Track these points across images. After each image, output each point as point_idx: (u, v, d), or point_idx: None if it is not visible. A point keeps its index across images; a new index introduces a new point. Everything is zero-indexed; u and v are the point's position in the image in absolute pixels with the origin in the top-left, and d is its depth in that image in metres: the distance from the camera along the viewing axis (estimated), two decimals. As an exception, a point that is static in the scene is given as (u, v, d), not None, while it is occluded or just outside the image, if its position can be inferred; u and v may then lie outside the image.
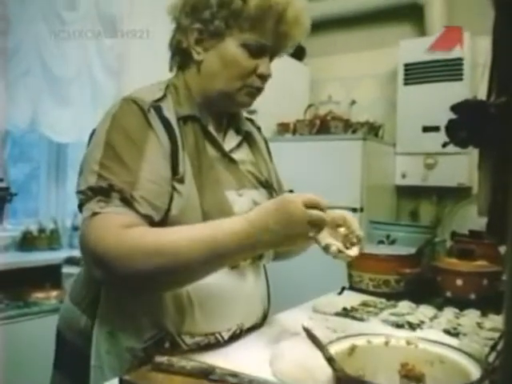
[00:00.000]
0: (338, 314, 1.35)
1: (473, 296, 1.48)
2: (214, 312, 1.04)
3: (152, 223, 0.93)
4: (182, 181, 0.98)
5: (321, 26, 3.58)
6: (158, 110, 1.00)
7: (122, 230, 0.87)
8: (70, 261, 2.41)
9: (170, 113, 1.02)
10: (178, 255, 0.87)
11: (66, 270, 2.39)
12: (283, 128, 3.20)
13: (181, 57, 1.12)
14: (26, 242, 2.56)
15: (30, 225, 2.60)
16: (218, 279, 1.00)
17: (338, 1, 3.45)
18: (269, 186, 1.20)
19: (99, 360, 1.00)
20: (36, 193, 2.91)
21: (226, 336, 1.06)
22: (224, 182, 1.07)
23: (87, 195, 0.92)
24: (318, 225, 0.91)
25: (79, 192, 0.95)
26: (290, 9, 1.03)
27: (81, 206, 0.95)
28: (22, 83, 2.30)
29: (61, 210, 2.85)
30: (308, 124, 3.10)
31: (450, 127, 0.80)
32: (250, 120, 1.29)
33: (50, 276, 2.38)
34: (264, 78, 1.08)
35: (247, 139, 1.22)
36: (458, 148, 0.92)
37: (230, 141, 1.16)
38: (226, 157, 1.12)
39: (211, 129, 1.10)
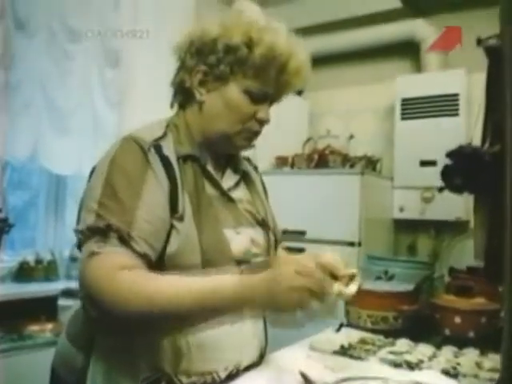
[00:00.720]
0: (335, 353, 1.33)
1: (471, 334, 1.47)
2: (211, 351, 1.03)
3: (149, 262, 0.94)
4: (181, 219, 0.99)
5: (320, 60, 3.64)
6: (158, 149, 1.02)
7: (117, 272, 0.88)
8: (67, 293, 2.38)
9: (169, 151, 1.04)
10: (167, 306, 0.88)
11: (62, 302, 2.36)
12: (281, 162, 3.22)
13: (183, 95, 1.14)
14: (23, 273, 2.53)
15: (27, 255, 2.59)
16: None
17: (336, 36, 3.52)
18: (265, 225, 1.21)
19: None
20: (34, 222, 2.90)
21: (222, 375, 1.05)
22: (222, 220, 1.08)
23: (85, 235, 0.93)
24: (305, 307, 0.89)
25: (77, 231, 0.96)
26: (292, 60, 1.07)
27: (79, 245, 0.96)
28: (24, 115, 2.32)
29: (58, 240, 2.84)
30: (306, 158, 3.12)
31: (446, 173, 0.81)
32: (247, 159, 1.32)
33: (45, 308, 2.35)
34: (262, 122, 1.12)
35: (244, 178, 1.24)
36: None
37: (228, 180, 1.18)
38: (225, 195, 1.14)
39: (210, 168, 1.12)
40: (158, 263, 0.96)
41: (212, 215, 1.06)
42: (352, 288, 1.00)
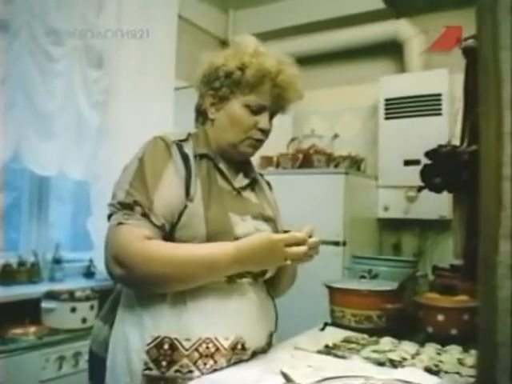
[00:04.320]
0: (319, 352, 1.34)
1: (454, 331, 1.49)
2: (209, 317, 1.16)
3: (165, 233, 1.17)
4: (191, 200, 1.20)
5: (304, 60, 3.64)
6: (180, 147, 1.26)
7: (144, 241, 1.12)
8: (50, 295, 2.36)
9: (189, 150, 1.27)
10: (183, 265, 1.13)
11: (45, 304, 2.35)
12: (266, 161, 3.22)
13: (202, 116, 1.39)
14: (6, 276, 2.50)
15: (10, 258, 2.56)
16: (215, 290, 1.18)
17: (320, 37, 3.54)
18: (272, 221, 1.37)
19: (113, 361, 1.18)
20: (17, 223, 2.87)
21: (225, 344, 1.16)
22: (230, 206, 1.26)
23: (116, 207, 1.17)
24: (294, 258, 1.13)
25: (110, 205, 1.19)
26: (281, 76, 1.28)
27: (109, 217, 1.19)
28: (6, 116, 2.30)
29: (42, 242, 2.81)
30: (291, 158, 3.13)
31: (425, 172, 0.82)
32: (261, 175, 1.54)
33: (28, 311, 2.32)
34: (264, 131, 1.32)
35: (253, 185, 1.42)
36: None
37: (239, 182, 1.36)
38: (235, 190, 1.33)
39: (223, 167, 1.32)
40: (170, 236, 1.18)
41: (219, 200, 1.25)
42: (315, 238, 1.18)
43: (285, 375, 0.79)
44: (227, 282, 1.20)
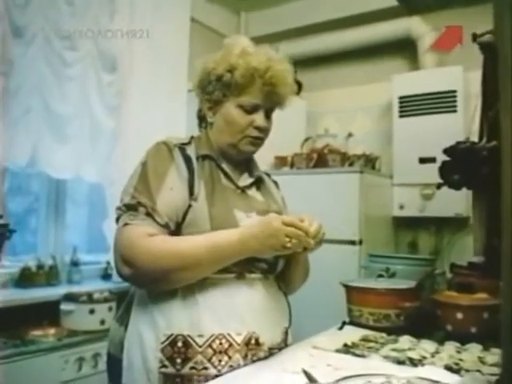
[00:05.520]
0: (338, 351, 1.34)
1: (474, 330, 1.47)
2: (219, 313, 1.18)
3: (170, 231, 1.20)
4: (196, 200, 1.23)
5: (317, 60, 3.66)
6: (182, 150, 1.30)
7: (149, 238, 1.15)
8: (69, 297, 2.39)
9: (191, 152, 1.31)
10: (190, 257, 1.14)
11: (64, 306, 2.37)
12: (281, 161, 3.22)
13: (203, 121, 1.43)
14: (25, 279, 2.54)
15: (29, 261, 2.59)
16: (225, 286, 1.20)
17: (333, 36, 3.53)
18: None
19: (129, 361, 1.20)
20: (34, 227, 2.90)
21: (238, 340, 1.17)
22: (234, 203, 1.29)
23: (122, 210, 1.22)
24: (293, 237, 1.14)
25: (117, 208, 1.24)
26: (269, 72, 1.28)
27: (117, 220, 1.23)
28: (22, 121, 2.33)
29: (59, 245, 2.84)
30: (305, 157, 3.12)
31: (444, 169, 0.81)
32: (267, 174, 1.54)
33: (48, 313, 2.36)
34: (260, 129, 1.33)
35: (258, 183, 1.43)
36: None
37: (243, 181, 1.39)
38: (239, 189, 1.35)
39: (225, 167, 1.35)
40: (176, 233, 1.21)
41: (224, 197, 1.28)
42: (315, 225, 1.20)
43: (307, 374, 0.79)
44: (237, 277, 1.22)
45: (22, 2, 2.31)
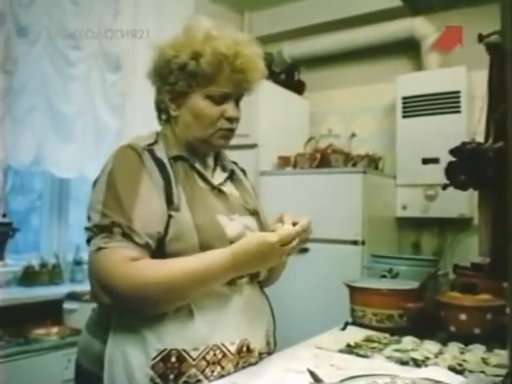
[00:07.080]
0: (341, 351, 1.34)
1: (477, 330, 1.47)
2: (214, 323, 1.11)
3: (151, 250, 1.07)
4: (177, 209, 1.10)
5: (321, 60, 3.66)
6: (152, 152, 1.15)
7: (129, 264, 1.02)
8: (72, 296, 2.39)
9: (161, 154, 1.17)
10: (175, 285, 1.03)
11: (67, 305, 2.38)
12: (284, 161, 3.22)
13: (164, 113, 1.27)
14: (28, 277, 2.55)
15: (32, 260, 2.60)
16: (218, 294, 1.12)
17: (337, 36, 3.52)
18: (256, 214, 1.30)
19: (111, 380, 1.07)
20: (37, 225, 2.91)
21: (232, 349, 1.12)
22: (215, 208, 1.19)
23: (93, 232, 1.06)
24: (290, 252, 1.11)
25: (86, 229, 1.09)
26: (239, 58, 1.17)
27: (88, 241, 1.09)
28: (27, 120, 2.33)
29: (62, 244, 2.85)
30: (308, 157, 3.12)
31: (450, 170, 0.81)
32: (235, 163, 1.41)
33: (51, 312, 2.36)
34: (232, 120, 1.22)
35: (232, 177, 1.34)
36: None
37: (218, 177, 1.29)
38: (215, 189, 1.24)
39: (199, 166, 1.24)
40: (160, 251, 1.08)
41: (205, 203, 1.17)
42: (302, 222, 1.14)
43: (312, 374, 0.79)
44: (228, 283, 1.13)
45: (26, 1, 2.32)
